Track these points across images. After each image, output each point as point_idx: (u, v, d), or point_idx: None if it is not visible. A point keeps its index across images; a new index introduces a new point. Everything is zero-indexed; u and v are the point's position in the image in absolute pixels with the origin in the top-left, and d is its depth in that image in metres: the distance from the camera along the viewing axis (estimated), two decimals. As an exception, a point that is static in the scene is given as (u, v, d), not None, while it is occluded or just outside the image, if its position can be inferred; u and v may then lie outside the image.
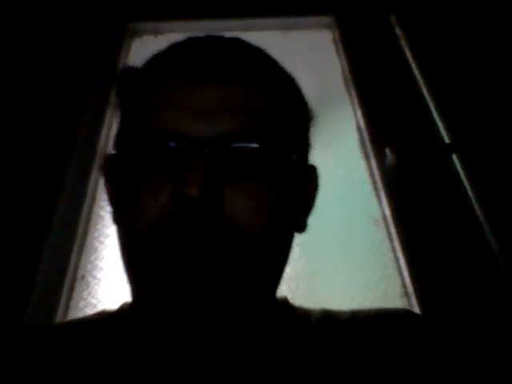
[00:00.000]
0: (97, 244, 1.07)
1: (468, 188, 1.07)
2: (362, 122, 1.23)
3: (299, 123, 0.46)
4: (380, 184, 1.13)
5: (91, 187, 1.13)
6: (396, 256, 1.04)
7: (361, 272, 1.01)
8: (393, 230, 1.06)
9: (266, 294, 0.44)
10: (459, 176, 1.09)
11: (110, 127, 1.24)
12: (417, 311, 0.94)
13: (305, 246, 0.98)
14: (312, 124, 0.48)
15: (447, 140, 1.15)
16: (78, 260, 1.04)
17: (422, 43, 1.32)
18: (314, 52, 1.40)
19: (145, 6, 1.45)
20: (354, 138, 1.24)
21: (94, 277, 1.02)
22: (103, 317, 0.48)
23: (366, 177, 1.17)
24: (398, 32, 1.37)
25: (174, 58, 0.44)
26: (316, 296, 0.97)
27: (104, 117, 1.23)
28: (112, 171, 0.46)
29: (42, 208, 1.05)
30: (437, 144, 1.16)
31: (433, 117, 1.20)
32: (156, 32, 1.44)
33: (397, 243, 1.04)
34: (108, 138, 1.22)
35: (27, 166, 1.11)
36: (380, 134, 1.18)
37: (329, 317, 0.46)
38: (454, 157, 1.12)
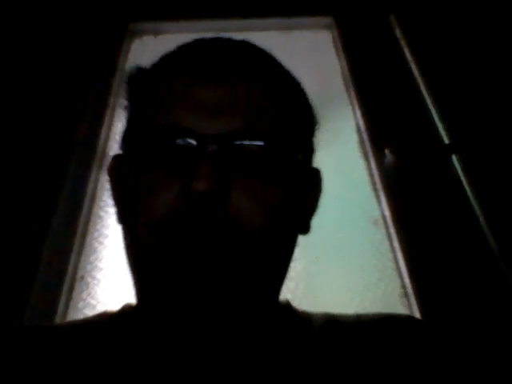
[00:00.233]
0: (96, 245, 1.07)
1: (467, 188, 1.07)
2: (362, 123, 1.23)
3: (304, 125, 0.46)
4: (379, 184, 1.13)
5: (91, 187, 1.13)
6: (395, 256, 1.04)
7: (360, 272, 1.02)
8: (392, 231, 1.06)
9: (269, 295, 0.44)
10: (459, 176, 1.10)
11: (110, 127, 1.24)
12: (416, 311, 0.94)
13: (304, 247, 0.98)
14: (316, 128, 0.48)
15: (447, 140, 1.16)
16: (78, 261, 1.04)
17: (422, 43, 1.32)
18: (314, 52, 1.40)
19: (145, 7, 1.45)
20: (354, 139, 1.24)
21: (94, 277, 1.02)
22: (105, 318, 0.47)
23: (366, 177, 1.17)
24: (398, 32, 1.37)
25: (182, 58, 0.44)
26: (315, 296, 0.98)
27: (104, 117, 1.23)
28: (118, 171, 0.46)
29: (42, 208, 1.05)
30: (436, 144, 1.16)
31: (432, 117, 1.20)
32: (156, 32, 1.44)
33: (396, 243, 1.04)
34: (108, 138, 1.22)
35: (27, 166, 1.11)
36: (379, 135, 1.18)
37: (331, 321, 0.46)
38: (454, 157, 1.12)
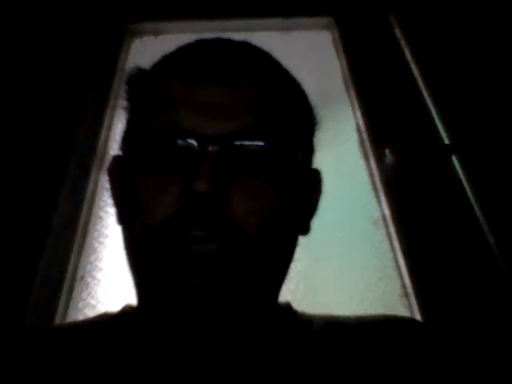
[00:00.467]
0: (96, 245, 1.07)
1: (467, 189, 1.07)
2: (362, 123, 1.23)
3: (304, 126, 0.46)
4: (379, 184, 1.13)
5: (91, 188, 1.13)
6: (395, 256, 1.04)
7: (360, 272, 1.02)
8: (392, 231, 1.06)
9: (269, 296, 0.44)
10: (459, 177, 1.10)
11: (110, 127, 1.24)
12: (416, 311, 0.94)
13: (305, 247, 0.98)
14: (316, 129, 0.48)
15: (447, 141, 1.16)
16: (78, 261, 1.04)
17: (422, 44, 1.32)
18: (314, 52, 1.40)
19: (145, 7, 1.45)
20: (354, 139, 1.24)
21: (94, 277, 1.02)
22: (105, 319, 0.47)
23: (366, 177, 1.17)
24: (398, 32, 1.37)
25: (182, 59, 0.44)
26: (316, 296, 0.98)
27: (104, 117, 1.23)
28: (118, 172, 0.46)
29: (42, 208, 1.05)
30: (436, 145, 1.16)
31: (432, 117, 1.20)
32: (156, 32, 1.44)
33: (396, 243, 1.04)
34: (108, 138, 1.22)
35: (27, 166, 1.11)
36: (379, 135, 1.18)
37: (332, 323, 0.46)
38: (454, 157, 1.12)
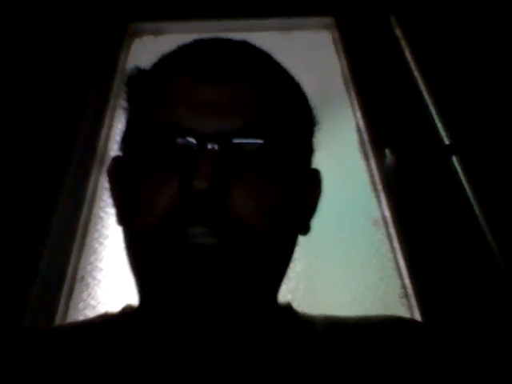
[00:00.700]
0: (96, 245, 1.07)
1: (468, 189, 1.07)
2: (362, 123, 1.23)
3: (303, 125, 0.46)
4: (379, 185, 1.13)
5: (91, 188, 1.13)
6: (395, 256, 1.04)
7: (360, 272, 1.02)
8: (392, 231, 1.06)
9: (268, 294, 0.44)
10: (459, 177, 1.10)
11: (110, 127, 1.24)
12: (416, 312, 0.94)
13: (305, 247, 0.98)
14: (316, 129, 0.48)
15: (447, 141, 1.16)
16: (78, 261, 1.04)
17: (422, 44, 1.32)
18: (314, 52, 1.40)
19: (145, 7, 1.45)
20: (354, 139, 1.24)
21: (94, 278, 1.02)
22: (106, 320, 0.47)
23: (366, 177, 1.17)
24: (398, 32, 1.37)
25: (181, 58, 0.45)
26: (316, 296, 0.98)
27: (104, 117, 1.23)
28: (118, 172, 0.46)
29: (42, 209, 1.05)
30: (436, 145, 1.16)
31: (432, 118, 1.20)
32: (156, 32, 1.44)
33: (396, 244, 1.04)
34: (108, 138, 1.22)
35: (27, 166, 1.11)
36: (380, 135, 1.18)
37: (333, 324, 0.46)
38: (454, 158, 1.12)
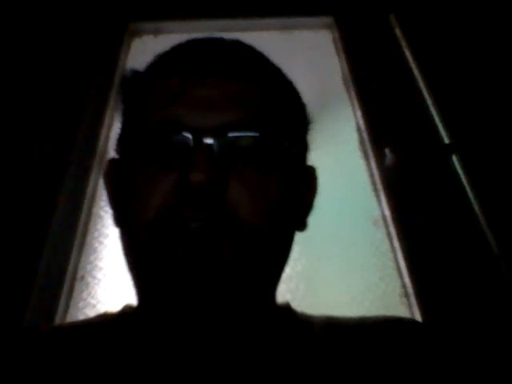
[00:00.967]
0: (96, 244, 1.07)
1: (468, 188, 1.07)
2: (362, 122, 1.23)
3: (297, 121, 0.47)
4: (379, 184, 1.13)
5: (91, 187, 1.13)
6: (395, 256, 1.04)
7: (360, 272, 1.01)
8: (392, 230, 1.06)
9: (266, 291, 0.44)
10: (459, 176, 1.10)
11: (110, 127, 1.24)
12: (416, 311, 0.94)
13: (305, 246, 0.98)
14: (310, 126, 0.48)
15: (447, 140, 1.16)
16: (78, 260, 1.04)
17: (422, 43, 1.32)
18: (314, 52, 1.40)
19: (145, 6, 1.45)
20: (354, 138, 1.24)
21: (94, 277, 1.02)
22: (105, 319, 0.47)
23: (366, 177, 1.17)
24: (398, 32, 1.37)
25: (175, 57, 0.45)
26: (316, 296, 0.97)
27: (104, 117, 1.23)
28: (114, 175, 0.46)
29: (42, 208, 1.05)
30: (436, 144, 1.16)
31: (432, 117, 1.20)
32: (156, 32, 1.44)
33: (396, 243, 1.04)
34: (108, 138, 1.22)
35: (27, 166, 1.11)
36: (380, 135, 1.18)
37: (332, 324, 0.46)
38: (454, 157, 1.12)
